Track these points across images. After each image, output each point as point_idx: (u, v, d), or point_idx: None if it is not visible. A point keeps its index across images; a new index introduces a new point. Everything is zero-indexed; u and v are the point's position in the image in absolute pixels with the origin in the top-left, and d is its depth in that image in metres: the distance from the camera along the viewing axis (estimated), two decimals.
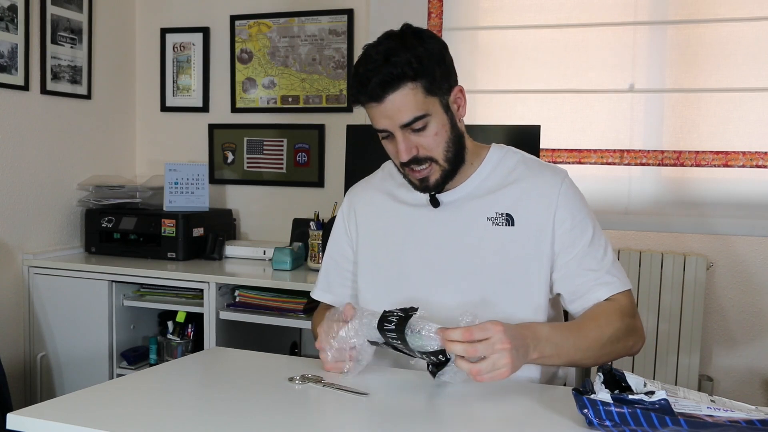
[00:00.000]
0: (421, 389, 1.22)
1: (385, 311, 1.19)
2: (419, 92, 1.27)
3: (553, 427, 1.05)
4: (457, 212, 1.40)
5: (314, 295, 1.58)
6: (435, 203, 1.41)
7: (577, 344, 1.26)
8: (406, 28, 1.32)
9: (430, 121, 1.30)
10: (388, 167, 1.53)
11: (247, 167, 3.11)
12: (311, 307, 2.37)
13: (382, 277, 1.44)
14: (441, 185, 1.37)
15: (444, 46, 1.34)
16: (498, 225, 1.36)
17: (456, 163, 1.36)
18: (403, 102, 1.27)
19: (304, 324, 2.41)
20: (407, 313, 1.16)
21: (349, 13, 2.89)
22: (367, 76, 1.27)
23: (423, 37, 1.30)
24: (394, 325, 1.15)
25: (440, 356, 1.15)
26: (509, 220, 1.36)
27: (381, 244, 1.46)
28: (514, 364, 1.12)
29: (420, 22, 2.74)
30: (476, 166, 1.42)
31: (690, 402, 0.98)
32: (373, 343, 1.22)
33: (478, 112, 2.76)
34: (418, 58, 1.26)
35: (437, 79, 1.29)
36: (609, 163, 2.65)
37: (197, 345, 2.62)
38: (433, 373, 1.18)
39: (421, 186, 1.37)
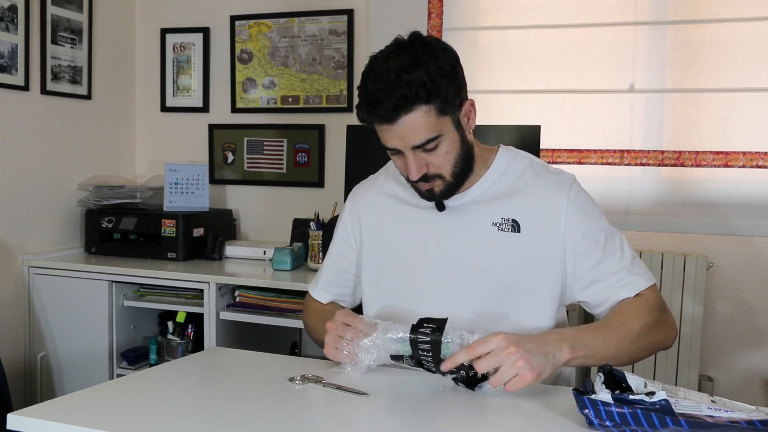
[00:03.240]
0: (421, 389, 1.22)
1: (420, 318, 1.20)
2: (432, 114, 1.24)
3: (553, 427, 1.05)
4: (462, 216, 1.38)
5: (312, 293, 1.58)
6: (440, 206, 1.40)
7: (607, 341, 1.24)
8: (415, 39, 1.27)
9: (441, 141, 1.28)
10: (392, 167, 1.51)
11: (247, 167, 3.11)
12: None
13: (385, 278, 1.44)
14: (447, 197, 1.37)
15: (456, 59, 1.29)
16: (503, 231, 1.35)
17: (463, 176, 1.35)
18: (416, 124, 1.24)
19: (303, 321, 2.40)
20: (441, 323, 1.18)
21: (349, 13, 2.89)
22: (378, 97, 1.22)
23: (434, 51, 1.25)
24: (430, 332, 1.17)
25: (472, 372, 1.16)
26: (515, 227, 1.35)
27: (385, 244, 1.45)
28: (532, 365, 1.11)
29: (420, 22, 2.74)
30: (484, 171, 1.40)
31: (690, 402, 0.98)
32: (395, 358, 1.22)
33: (479, 112, 2.74)
34: (432, 78, 1.22)
35: (450, 98, 1.25)
36: (609, 163, 2.65)
37: (197, 345, 2.62)
38: (470, 386, 1.19)
39: (428, 195, 1.36)
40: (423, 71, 1.21)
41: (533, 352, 1.13)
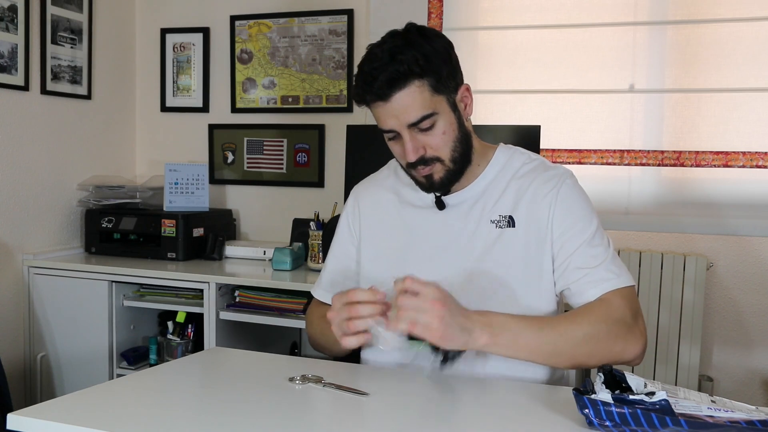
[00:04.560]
0: (421, 389, 1.22)
1: None
2: (426, 90, 1.26)
3: (553, 427, 1.05)
4: (461, 214, 1.38)
5: (315, 294, 1.56)
6: (440, 205, 1.40)
7: (542, 337, 1.21)
8: (411, 26, 1.32)
9: (437, 120, 1.29)
10: (393, 165, 1.51)
11: (247, 167, 3.11)
12: None
13: (384, 277, 1.43)
14: (447, 185, 1.36)
15: (449, 45, 1.33)
16: (500, 227, 1.35)
17: (462, 163, 1.35)
18: (410, 100, 1.26)
19: (304, 324, 2.40)
20: None
21: (349, 13, 2.89)
22: (372, 75, 1.25)
23: (428, 35, 1.30)
24: None
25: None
26: (510, 222, 1.35)
27: (384, 243, 1.45)
28: (444, 331, 1.13)
29: (420, 22, 2.70)
30: (483, 167, 1.40)
31: (690, 402, 0.98)
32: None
33: (479, 112, 2.75)
34: (425, 56, 1.25)
35: (444, 77, 1.28)
36: (609, 163, 2.65)
37: (197, 345, 2.62)
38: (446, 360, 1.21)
39: (427, 184, 1.35)
40: (416, 50, 1.26)
41: (455, 318, 1.15)
